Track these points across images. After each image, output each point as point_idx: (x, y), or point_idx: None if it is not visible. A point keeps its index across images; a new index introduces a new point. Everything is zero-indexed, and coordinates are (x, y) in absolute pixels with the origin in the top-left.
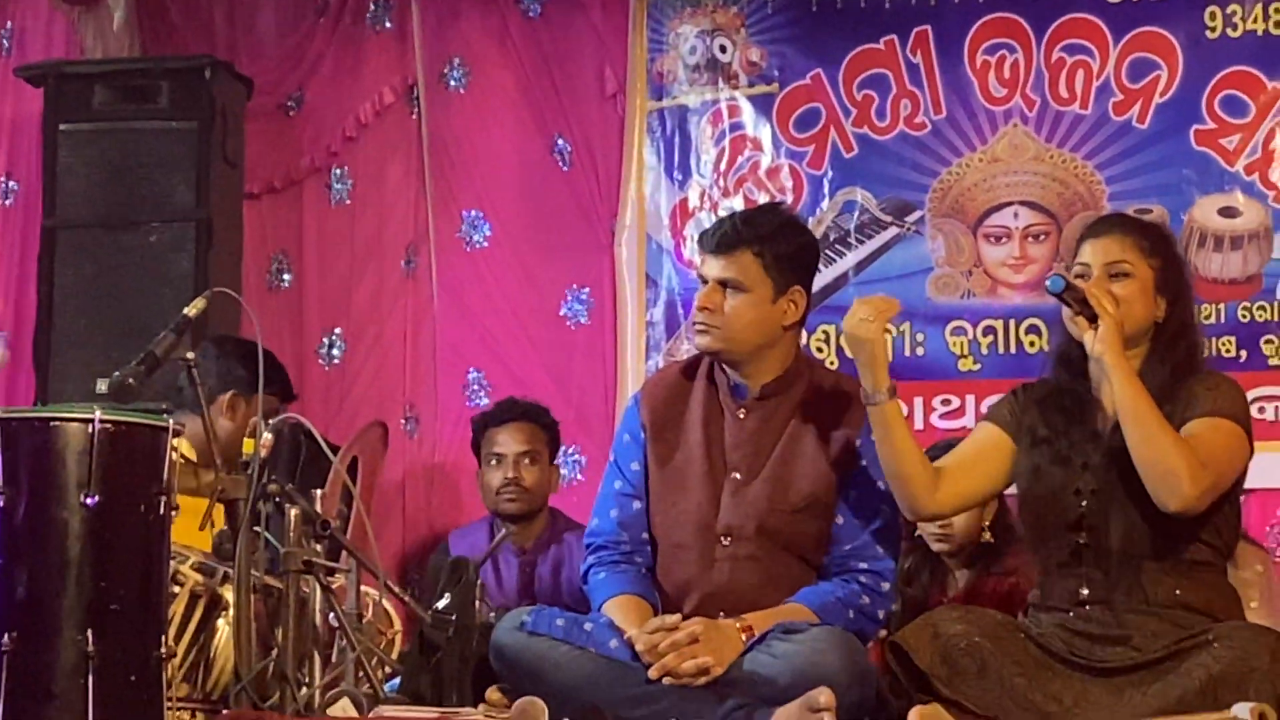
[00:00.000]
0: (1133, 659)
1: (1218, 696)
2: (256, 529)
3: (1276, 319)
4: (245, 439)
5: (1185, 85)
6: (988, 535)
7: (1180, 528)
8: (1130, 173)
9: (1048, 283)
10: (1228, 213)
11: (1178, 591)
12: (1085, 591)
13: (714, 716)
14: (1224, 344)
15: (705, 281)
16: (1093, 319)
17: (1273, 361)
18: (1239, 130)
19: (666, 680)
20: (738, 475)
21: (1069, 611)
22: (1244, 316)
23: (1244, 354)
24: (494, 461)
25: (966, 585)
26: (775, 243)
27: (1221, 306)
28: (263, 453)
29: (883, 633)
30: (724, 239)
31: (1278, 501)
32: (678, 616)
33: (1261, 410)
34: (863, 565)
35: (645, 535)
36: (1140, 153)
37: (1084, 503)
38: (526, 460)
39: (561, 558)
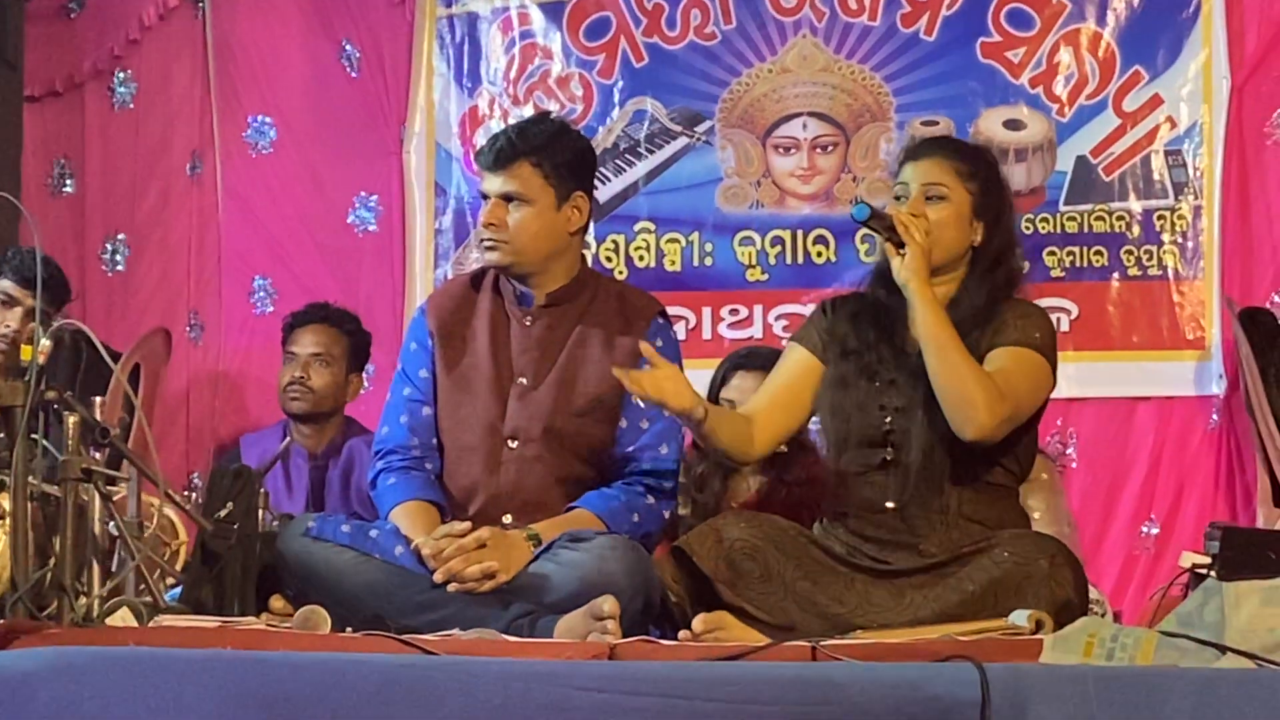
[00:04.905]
0: (917, 563)
1: (997, 600)
2: (34, 437)
3: (1058, 231)
4: (24, 345)
5: None
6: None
7: (980, 451)
8: (918, 85)
9: (853, 211)
10: (1013, 125)
11: (972, 509)
12: (887, 504)
13: (499, 624)
14: None
15: (487, 198)
16: (900, 245)
17: (1055, 273)
18: (1024, 43)
19: (452, 586)
20: (524, 380)
21: (862, 518)
22: (1027, 228)
23: (1026, 266)
24: (288, 360)
25: (759, 492)
26: (552, 151)
27: None
28: (41, 359)
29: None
30: (500, 153)
31: (1059, 411)
32: (467, 524)
33: None
34: (645, 466)
35: (434, 441)
36: (927, 65)
37: (888, 419)
38: (318, 363)
39: (351, 463)
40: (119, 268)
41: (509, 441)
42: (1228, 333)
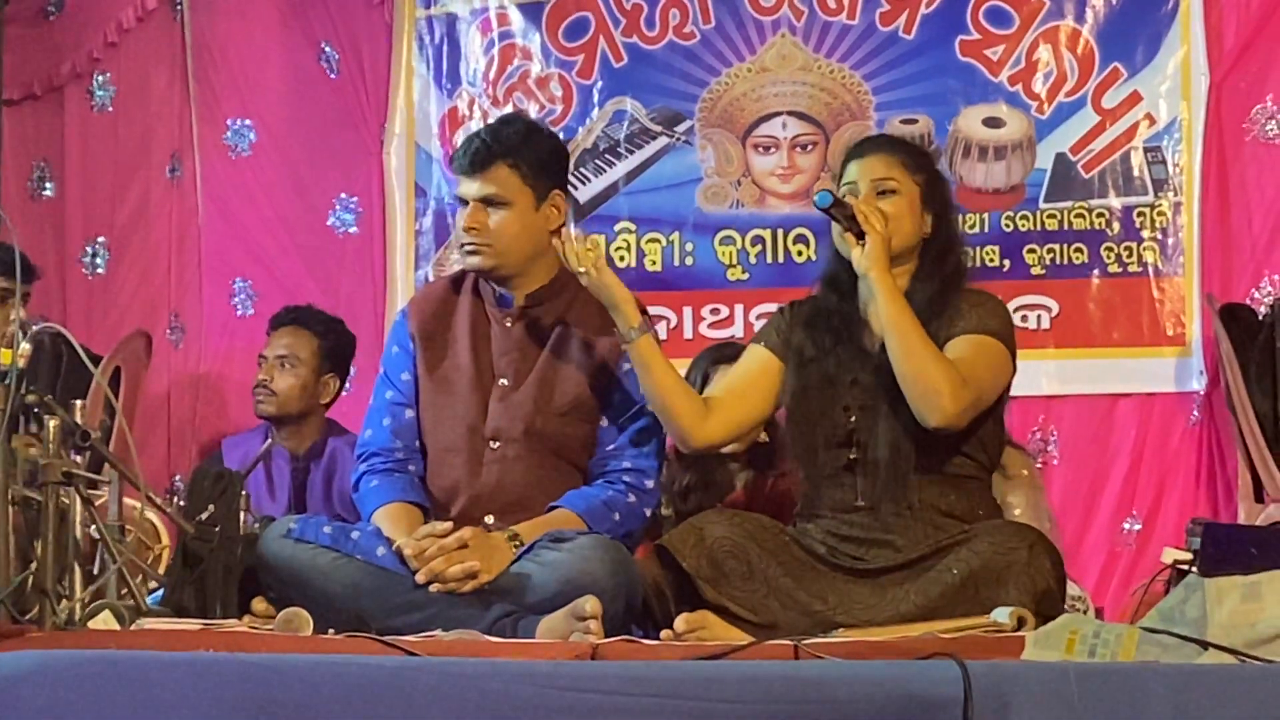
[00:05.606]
0: (895, 559)
1: (978, 591)
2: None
3: (1038, 228)
4: (2, 350)
5: None
6: (763, 434)
7: (945, 442)
8: (897, 83)
9: (815, 198)
10: (992, 123)
11: (942, 501)
12: (858, 504)
13: (480, 624)
14: (988, 254)
15: (465, 203)
16: (860, 235)
17: (1035, 271)
18: (1003, 41)
19: (434, 587)
20: (505, 381)
21: (835, 518)
22: (1007, 226)
23: (1007, 263)
24: (260, 364)
25: (746, 486)
26: (528, 151)
27: (985, 216)
28: (20, 363)
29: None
30: (477, 157)
31: (1040, 408)
32: (449, 525)
33: (1024, 319)
34: (626, 465)
35: (418, 443)
36: (907, 63)
37: (853, 418)
38: (282, 365)
39: (334, 466)
40: (99, 271)
41: (490, 442)
42: (1208, 329)
